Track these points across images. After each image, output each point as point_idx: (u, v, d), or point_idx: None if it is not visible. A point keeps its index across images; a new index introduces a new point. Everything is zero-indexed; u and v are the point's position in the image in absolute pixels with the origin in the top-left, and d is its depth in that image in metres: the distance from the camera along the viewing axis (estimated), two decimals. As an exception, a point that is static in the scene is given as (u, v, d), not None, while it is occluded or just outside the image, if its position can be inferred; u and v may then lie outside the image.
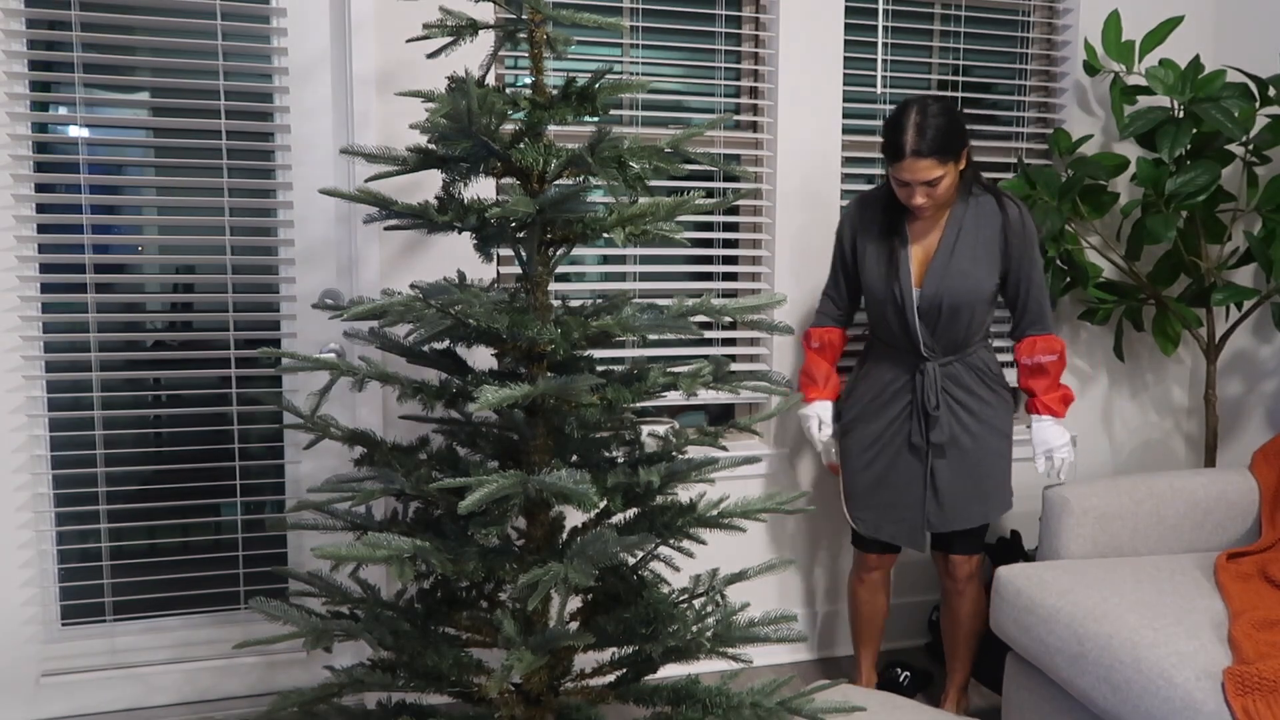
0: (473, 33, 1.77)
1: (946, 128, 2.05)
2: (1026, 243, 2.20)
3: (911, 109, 2.06)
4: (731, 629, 1.75)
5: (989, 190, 2.22)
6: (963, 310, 2.18)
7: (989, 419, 2.26)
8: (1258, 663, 1.70)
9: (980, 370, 2.27)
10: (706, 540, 2.63)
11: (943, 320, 2.19)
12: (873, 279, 2.25)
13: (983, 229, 2.18)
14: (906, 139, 2.04)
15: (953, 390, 2.24)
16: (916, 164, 2.04)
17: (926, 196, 2.09)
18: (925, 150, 2.03)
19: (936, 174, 2.05)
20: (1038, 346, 2.24)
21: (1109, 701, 1.86)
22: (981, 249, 2.18)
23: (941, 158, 2.05)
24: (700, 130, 1.72)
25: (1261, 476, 2.40)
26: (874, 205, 2.27)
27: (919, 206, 2.11)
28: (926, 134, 2.03)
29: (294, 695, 1.74)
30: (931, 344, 2.22)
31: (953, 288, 2.16)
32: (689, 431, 1.90)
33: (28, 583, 2.27)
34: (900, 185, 2.11)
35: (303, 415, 1.82)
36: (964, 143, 2.10)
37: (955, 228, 2.18)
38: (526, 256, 1.70)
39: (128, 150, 2.28)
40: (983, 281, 2.18)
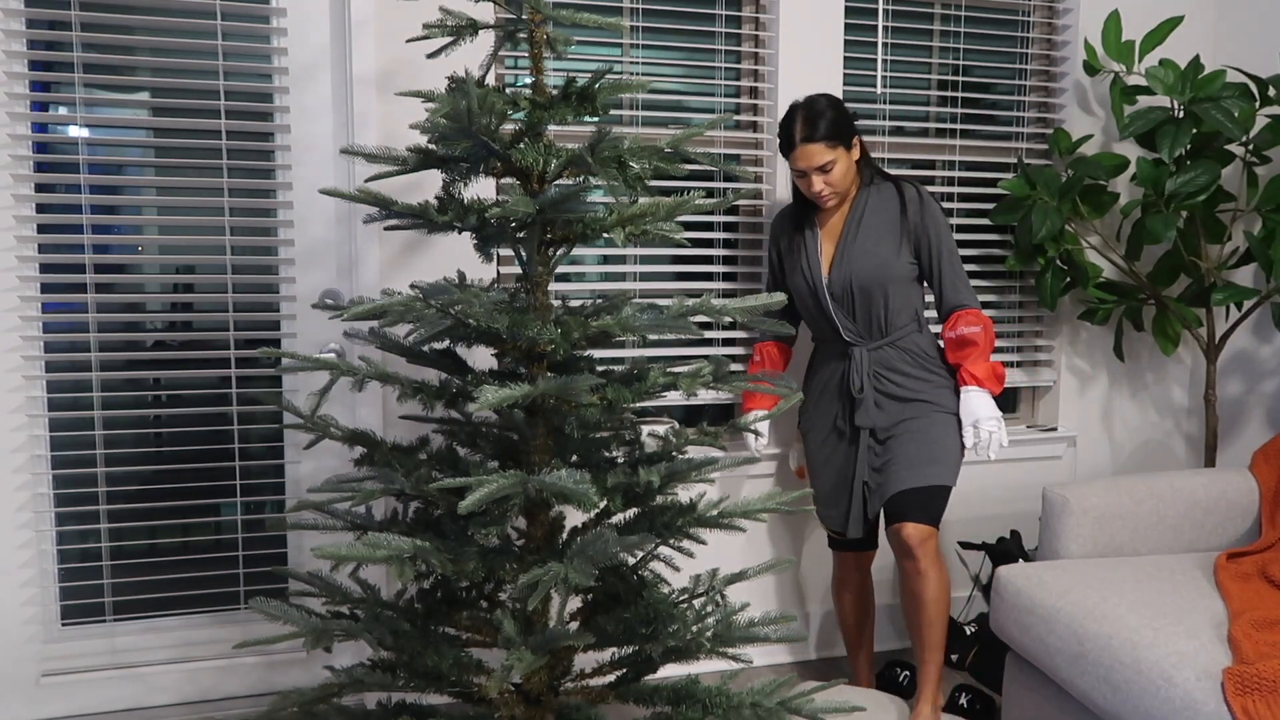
0: (473, 33, 1.77)
1: (832, 116, 2.16)
2: (927, 219, 2.24)
3: (799, 105, 2.20)
4: (731, 629, 1.75)
5: (888, 179, 2.30)
6: (874, 290, 2.24)
7: (927, 396, 2.27)
8: (1258, 663, 1.70)
9: (914, 353, 2.28)
10: (706, 540, 2.63)
11: (856, 302, 2.26)
12: (791, 274, 2.34)
13: (883, 211, 2.26)
14: (796, 128, 2.16)
15: (884, 374, 2.27)
16: (808, 150, 2.15)
17: (825, 183, 2.18)
18: (814, 136, 2.14)
19: (828, 158, 2.15)
20: (960, 320, 2.25)
21: (1109, 701, 1.86)
22: (884, 229, 2.25)
23: (830, 142, 2.15)
24: (700, 130, 1.72)
25: (1261, 476, 2.40)
26: (789, 210, 2.38)
27: (819, 195, 2.20)
28: (813, 122, 2.15)
29: (294, 695, 1.74)
30: (853, 328, 2.28)
31: (858, 268, 2.23)
32: (689, 431, 1.90)
33: (28, 583, 2.27)
34: (799, 176, 2.21)
35: (303, 415, 1.82)
36: (852, 129, 2.21)
37: (857, 214, 2.27)
38: (526, 256, 1.70)
39: (128, 150, 2.28)
40: (889, 260, 2.23)
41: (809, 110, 2.17)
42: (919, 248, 2.26)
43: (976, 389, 2.23)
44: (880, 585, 2.85)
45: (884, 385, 2.27)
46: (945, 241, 2.26)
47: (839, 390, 2.32)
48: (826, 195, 2.21)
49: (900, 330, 2.28)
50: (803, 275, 2.30)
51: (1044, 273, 2.71)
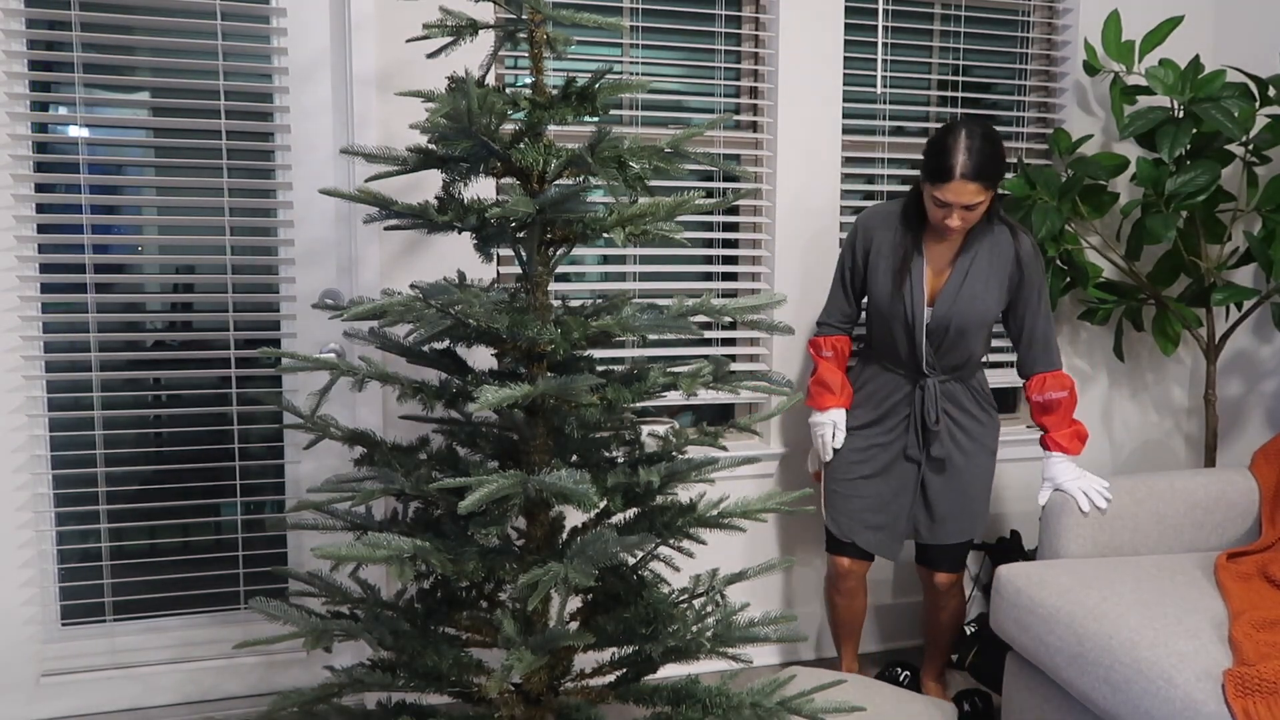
0: (473, 33, 1.77)
1: (995, 154, 2.06)
2: (1036, 275, 2.23)
3: (961, 131, 2.06)
4: (731, 629, 1.75)
5: (1004, 220, 2.25)
6: (969, 334, 2.22)
7: (980, 437, 2.32)
8: (1258, 664, 1.70)
9: (976, 391, 2.32)
10: (706, 540, 2.63)
11: (948, 341, 2.23)
12: (882, 294, 2.25)
13: (997, 256, 2.21)
14: (957, 161, 2.04)
15: (950, 409, 2.29)
16: (964, 187, 2.04)
17: (962, 219, 2.10)
18: (973, 174, 2.04)
19: (979, 199, 2.07)
20: (1048, 384, 2.26)
21: (1109, 701, 1.86)
22: (994, 276, 2.21)
23: (987, 183, 2.06)
24: (700, 130, 1.72)
25: (1261, 476, 2.40)
26: (889, 220, 2.27)
27: (952, 229, 2.12)
28: (977, 158, 2.04)
29: (294, 695, 1.74)
30: (934, 362, 2.26)
31: (963, 311, 2.19)
32: (689, 431, 1.90)
33: (28, 583, 2.27)
34: (938, 205, 2.11)
35: (303, 415, 1.82)
36: (1006, 171, 2.16)
37: (972, 253, 2.21)
38: (526, 256, 1.70)
39: (128, 150, 2.28)
40: (992, 308, 2.22)
41: (972, 141, 2.05)
42: (1017, 299, 2.24)
43: (1062, 457, 2.26)
44: (877, 585, 2.85)
45: (950, 421, 2.29)
46: (1044, 299, 2.25)
47: (901, 413, 2.31)
48: (957, 230, 2.14)
49: (969, 369, 2.30)
50: (902, 302, 2.22)
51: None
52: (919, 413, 2.28)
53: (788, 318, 2.67)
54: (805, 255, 2.68)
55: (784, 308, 2.67)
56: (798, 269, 2.67)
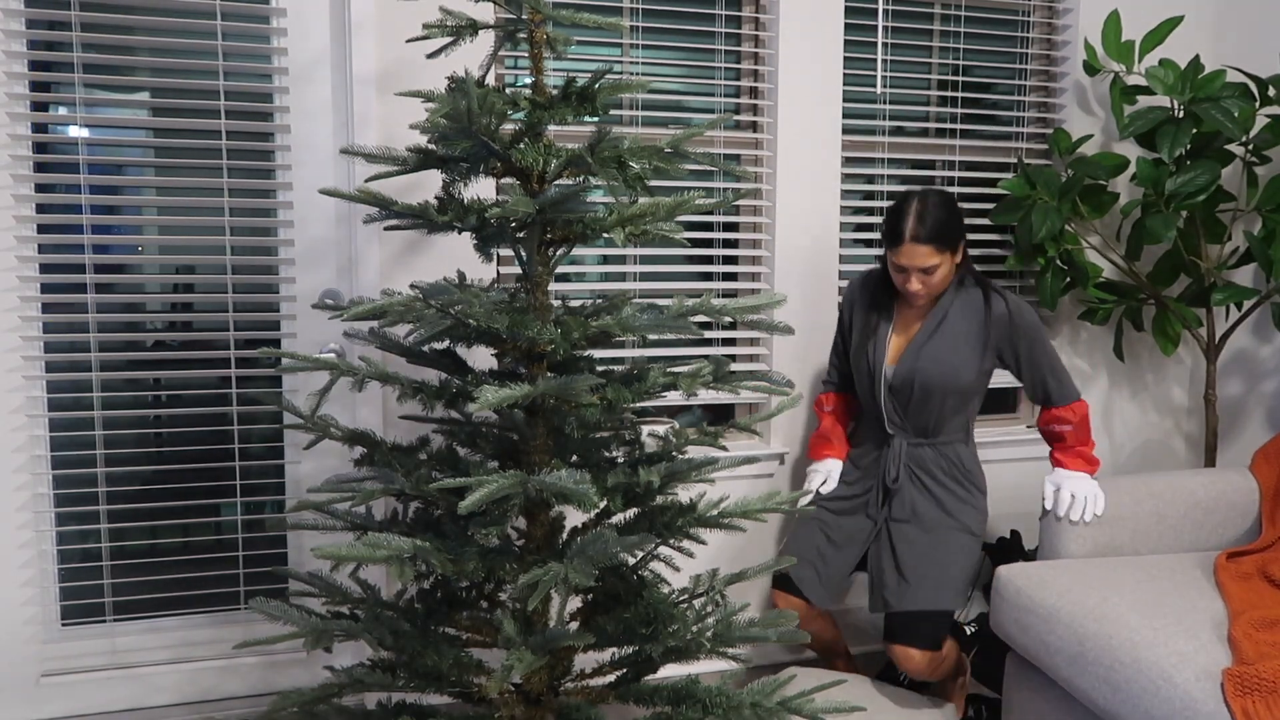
0: (473, 33, 1.77)
1: (946, 219, 2.11)
2: (1018, 334, 2.21)
3: (914, 198, 2.13)
4: (731, 629, 1.75)
5: (979, 284, 2.26)
6: (934, 394, 2.21)
7: (954, 512, 2.25)
8: (1257, 663, 1.70)
9: (953, 463, 2.28)
10: (706, 540, 2.63)
11: (914, 400, 2.23)
12: (854, 351, 2.33)
13: (967, 320, 2.23)
14: (907, 225, 2.10)
15: (917, 472, 2.27)
16: (915, 249, 2.10)
17: (921, 284, 2.15)
18: (924, 237, 2.09)
19: (933, 262, 2.11)
20: (1054, 416, 2.27)
21: (1109, 701, 1.86)
22: (964, 337, 2.22)
23: (939, 246, 2.11)
24: (700, 130, 1.72)
25: (1261, 476, 2.40)
26: (872, 284, 2.34)
27: (913, 293, 2.17)
28: (926, 221, 2.09)
29: (294, 695, 1.74)
30: (901, 422, 2.28)
31: (926, 369, 2.20)
32: (689, 431, 1.90)
33: (28, 583, 2.27)
34: (897, 270, 2.17)
35: (303, 415, 1.82)
36: (961, 235, 2.16)
37: (940, 315, 2.23)
38: (526, 256, 1.70)
39: (128, 150, 2.28)
40: (959, 370, 2.21)
41: (923, 206, 2.11)
42: (1005, 359, 2.25)
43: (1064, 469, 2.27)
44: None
45: (916, 483, 2.27)
46: (1039, 348, 2.23)
47: (872, 473, 2.33)
48: (920, 295, 2.18)
49: (945, 437, 2.28)
50: (866, 358, 2.28)
51: (1044, 273, 2.71)
52: (881, 470, 2.30)
53: (788, 318, 2.67)
54: (805, 255, 2.68)
55: (784, 308, 2.67)
56: (798, 269, 2.67)
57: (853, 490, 2.35)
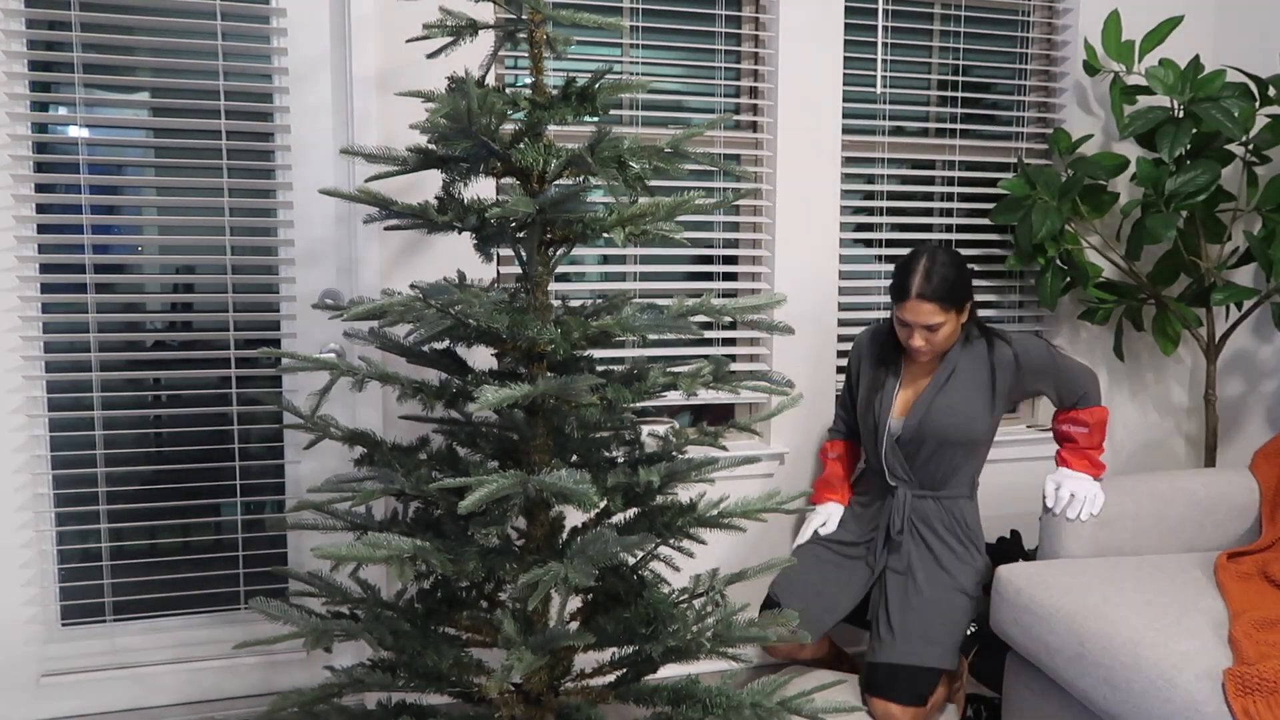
0: (473, 33, 1.77)
1: (953, 278, 2.12)
2: (1031, 374, 2.23)
3: (923, 255, 2.14)
4: (731, 629, 1.75)
5: (984, 334, 2.26)
6: (945, 446, 2.21)
7: (952, 569, 2.23)
8: (1258, 663, 1.70)
9: (955, 518, 2.26)
10: (706, 540, 2.63)
11: (922, 453, 2.23)
12: (862, 405, 2.34)
13: (976, 370, 2.23)
14: (913, 281, 2.11)
15: (919, 525, 2.25)
16: (920, 306, 2.11)
17: (925, 341, 2.15)
18: (930, 294, 2.10)
19: (937, 320, 2.12)
20: (1070, 417, 2.28)
21: (1109, 702, 1.86)
22: (976, 388, 2.22)
23: (944, 305, 2.11)
24: (700, 130, 1.72)
25: (1262, 476, 2.40)
26: (880, 337, 2.35)
27: (916, 349, 2.17)
28: (933, 279, 2.10)
29: (294, 695, 1.74)
30: (906, 475, 2.26)
31: (936, 421, 2.20)
32: (689, 431, 1.90)
33: (28, 583, 2.27)
34: (901, 325, 2.17)
35: (303, 415, 1.82)
36: (968, 295, 2.17)
37: (949, 368, 2.23)
38: (526, 256, 1.70)
39: (128, 150, 2.28)
40: (971, 421, 2.21)
41: (931, 264, 2.12)
42: (1025, 394, 2.26)
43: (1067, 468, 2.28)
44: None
45: (917, 537, 2.25)
46: (1060, 374, 2.24)
47: (873, 523, 2.32)
48: (923, 352, 2.17)
49: (950, 491, 2.27)
50: (873, 412, 2.29)
51: (1044, 273, 2.71)
52: (885, 519, 2.28)
53: (788, 318, 2.67)
54: (805, 255, 2.67)
55: (784, 308, 2.67)
56: (798, 269, 2.67)
57: (854, 536, 2.34)
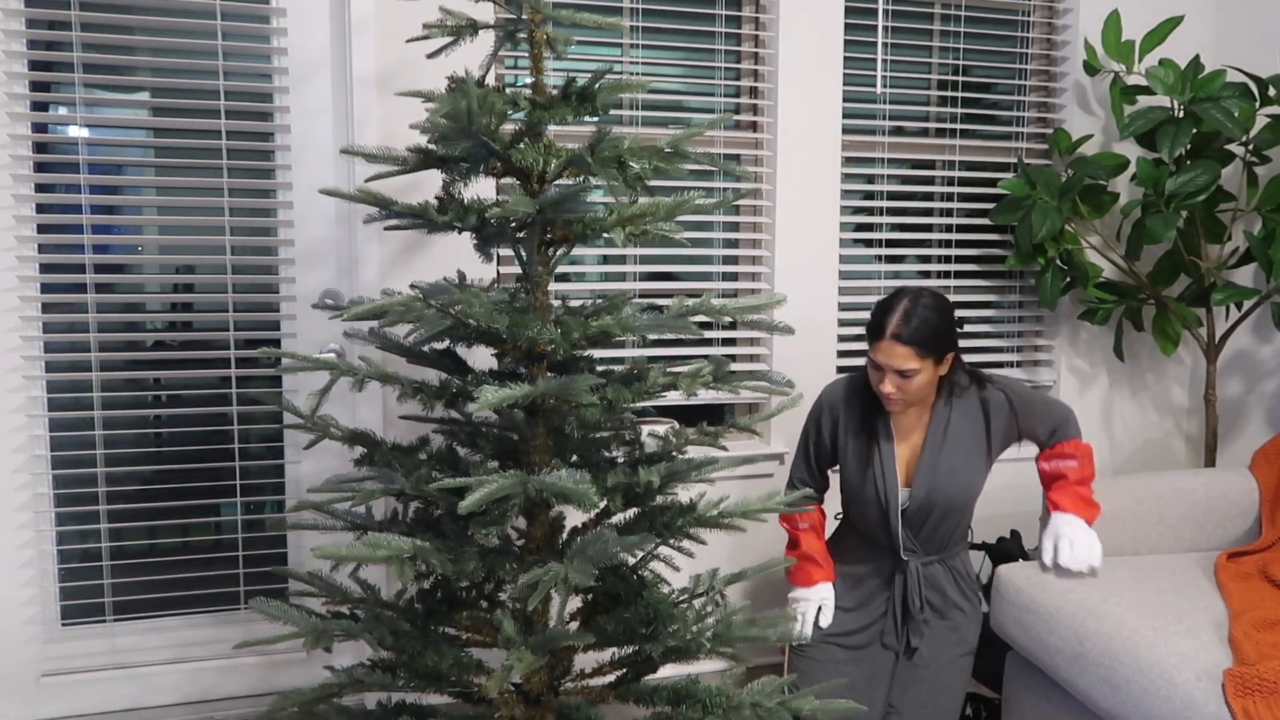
0: (473, 33, 1.77)
1: (935, 323, 1.95)
2: (1020, 415, 2.09)
3: (905, 295, 1.98)
4: (731, 629, 1.75)
5: (974, 381, 2.10)
6: (953, 512, 2.07)
7: (961, 628, 2.13)
8: (1258, 664, 1.70)
9: (959, 573, 2.15)
10: (706, 540, 2.63)
11: (931, 522, 2.08)
12: (853, 475, 2.12)
13: (971, 422, 2.08)
14: (890, 320, 1.94)
15: (930, 595, 2.12)
16: (894, 349, 1.94)
17: (896, 388, 1.97)
18: (905, 337, 1.93)
19: (911, 365, 1.94)
20: (1055, 452, 2.14)
21: (1109, 701, 1.86)
22: (970, 443, 2.08)
23: (920, 351, 1.94)
24: (700, 130, 1.72)
25: (1262, 476, 2.40)
26: (857, 395, 2.14)
27: (886, 395, 1.99)
28: (912, 321, 1.93)
29: (294, 695, 1.74)
30: (913, 545, 2.10)
31: (945, 488, 2.05)
32: (689, 431, 1.90)
33: (28, 583, 2.27)
34: (873, 368, 2.00)
35: (303, 415, 1.82)
36: (950, 345, 1.99)
37: (942, 424, 2.07)
38: (526, 256, 1.70)
39: (128, 150, 2.28)
40: (975, 480, 2.08)
41: (912, 305, 1.95)
42: (1012, 438, 2.12)
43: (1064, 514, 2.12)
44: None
45: (933, 604, 2.12)
46: (1036, 409, 2.10)
47: (880, 596, 2.14)
48: (894, 400, 2.00)
49: (953, 549, 2.15)
50: (875, 486, 2.08)
51: (1044, 273, 2.71)
52: (900, 598, 2.11)
53: (788, 318, 2.67)
54: (805, 255, 2.67)
55: (784, 308, 2.67)
56: (798, 269, 2.67)
57: (860, 621, 2.14)
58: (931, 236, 2.84)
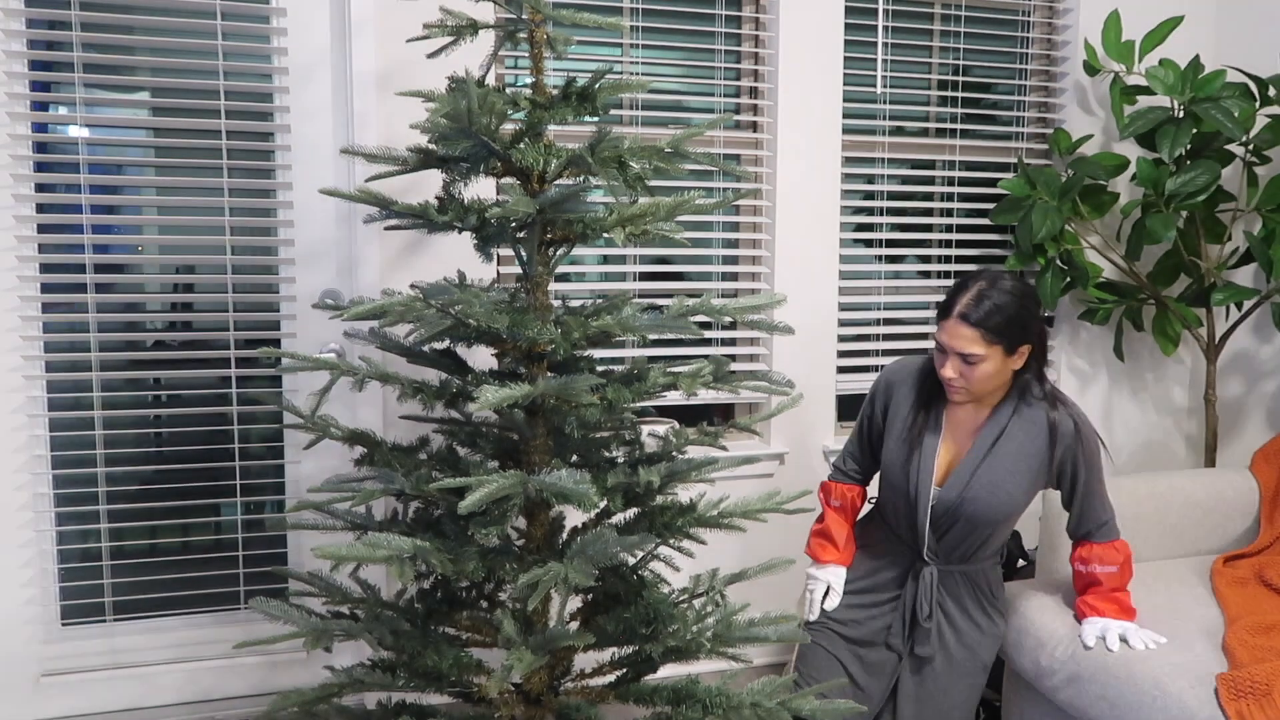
0: (473, 33, 1.77)
1: (1011, 310, 1.81)
2: (1079, 452, 1.91)
3: (984, 275, 1.86)
4: (731, 629, 1.75)
5: (1046, 397, 1.93)
6: (982, 526, 1.92)
7: (975, 646, 2.00)
8: (1250, 667, 1.70)
9: (982, 589, 2.01)
10: (706, 540, 2.63)
11: (956, 530, 1.93)
12: (891, 460, 2.00)
13: (1029, 439, 1.91)
14: (961, 299, 1.83)
15: (945, 603, 1.99)
16: (958, 329, 1.81)
17: (958, 373, 1.85)
18: (973, 319, 1.80)
19: (976, 350, 1.81)
20: (1094, 554, 1.96)
21: (1106, 716, 1.86)
22: (1024, 462, 1.90)
23: (988, 336, 1.81)
24: (700, 130, 1.72)
25: (1261, 476, 2.40)
26: (919, 378, 2.01)
27: (947, 380, 1.87)
28: (984, 304, 1.81)
29: (294, 695, 1.74)
30: (936, 548, 1.97)
31: (978, 498, 1.90)
32: (689, 431, 1.90)
33: (28, 583, 2.27)
34: (938, 350, 1.89)
35: (303, 415, 1.82)
36: (1025, 338, 1.84)
37: (996, 430, 1.91)
38: (526, 256, 1.70)
39: (128, 150, 2.28)
40: (1016, 498, 1.91)
41: (988, 287, 1.83)
42: (1061, 478, 1.94)
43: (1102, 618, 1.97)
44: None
45: (942, 616, 2.00)
46: (1095, 471, 1.94)
47: (889, 592, 2.03)
48: (955, 388, 1.88)
49: (978, 562, 2.00)
50: (908, 477, 1.96)
51: (1044, 273, 2.71)
52: (910, 601, 1.99)
53: (788, 318, 2.67)
54: (805, 255, 2.67)
55: (784, 308, 2.67)
56: (798, 269, 2.67)
57: (869, 614, 2.04)
58: (931, 236, 2.84)
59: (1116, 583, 1.96)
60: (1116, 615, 1.95)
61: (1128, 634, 1.91)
